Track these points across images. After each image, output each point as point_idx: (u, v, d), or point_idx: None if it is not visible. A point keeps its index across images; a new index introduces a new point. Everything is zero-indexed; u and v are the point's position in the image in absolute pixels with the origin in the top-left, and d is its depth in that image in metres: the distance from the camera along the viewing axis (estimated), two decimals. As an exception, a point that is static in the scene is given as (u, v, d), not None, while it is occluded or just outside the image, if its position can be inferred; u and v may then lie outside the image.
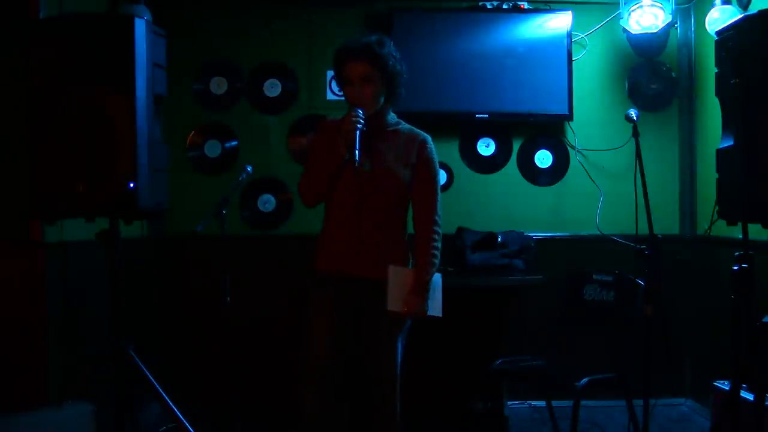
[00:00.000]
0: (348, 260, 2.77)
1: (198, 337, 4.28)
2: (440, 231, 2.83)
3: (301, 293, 3.03)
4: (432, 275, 2.79)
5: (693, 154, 4.45)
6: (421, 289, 2.75)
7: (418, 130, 2.89)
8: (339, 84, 2.84)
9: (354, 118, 2.65)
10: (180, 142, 4.34)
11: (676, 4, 4.17)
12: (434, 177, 2.86)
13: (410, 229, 2.89)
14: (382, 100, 2.79)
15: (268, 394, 4.20)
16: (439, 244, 2.81)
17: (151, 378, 2.75)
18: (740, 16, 2.58)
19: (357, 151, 2.60)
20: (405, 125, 2.90)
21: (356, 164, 2.60)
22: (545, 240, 4.34)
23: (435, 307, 2.82)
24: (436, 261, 2.80)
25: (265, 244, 4.34)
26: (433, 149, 2.87)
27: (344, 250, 2.77)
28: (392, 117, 2.89)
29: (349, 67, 2.73)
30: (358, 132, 2.62)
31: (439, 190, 2.87)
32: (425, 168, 2.83)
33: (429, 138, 2.87)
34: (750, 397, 2.64)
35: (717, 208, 2.61)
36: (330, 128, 2.81)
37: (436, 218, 2.82)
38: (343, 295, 2.79)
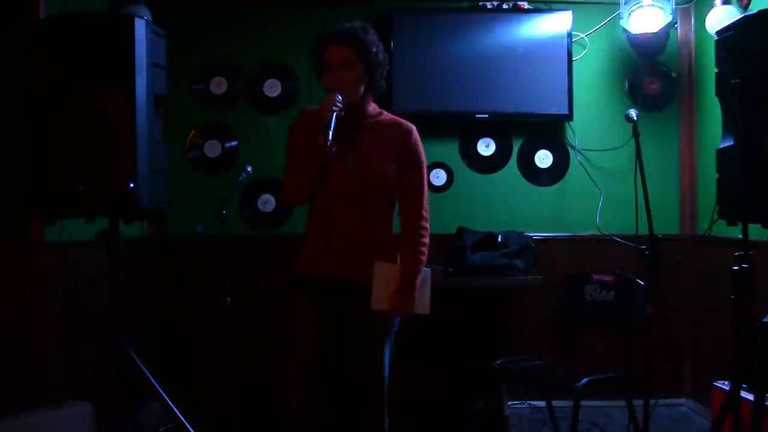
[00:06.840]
0: (328, 261, 2.60)
1: (198, 337, 4.28)
2: (428, 226, 2.66)
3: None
4: (419, 273, 2.62)
5: (693, 154, 4.45)
6: (408, 288, 2.59)
7: (402, 120, 2.71)
8: (318, 72, 2.67)
9: (332, 101, 2.50)
10: (180, 142, 4.35)
11: (676, 4, 4.17)
12: (421, 169, 2.68)
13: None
14: (362, 89, 2.63)
15: (268, 394, 4.20)
16: (427, 240, 2.65)
17: (151, 378, 2.75)
18: (740, 16, 2.57)
19: (330, 132, 2.44)
20: (387, 115, 2.73)
21: (327, 145, 2.44)
22: (545, 240, 4.34)
23: (422, 304, 2.65)
24: (424, 258, 2.63)
25: (265, 244, 4.34)
26: (419, 140, 2.69)
27: (324, 251, 2.60)
28: (373, 108, 2.71)
29: (329, 52, 2.58)
30: (334, 114, 2.47)
31: (426, 183, 2.69)
32: (412, 159, 2.66)
33: (414, 128, 2.69)
34: (750, 397, 2.64)
35: (717, 208, 2.61)
36: (311, 115, 2.63)
37: (424, 213, 2.65)
38: (325, 297, 2.64)
